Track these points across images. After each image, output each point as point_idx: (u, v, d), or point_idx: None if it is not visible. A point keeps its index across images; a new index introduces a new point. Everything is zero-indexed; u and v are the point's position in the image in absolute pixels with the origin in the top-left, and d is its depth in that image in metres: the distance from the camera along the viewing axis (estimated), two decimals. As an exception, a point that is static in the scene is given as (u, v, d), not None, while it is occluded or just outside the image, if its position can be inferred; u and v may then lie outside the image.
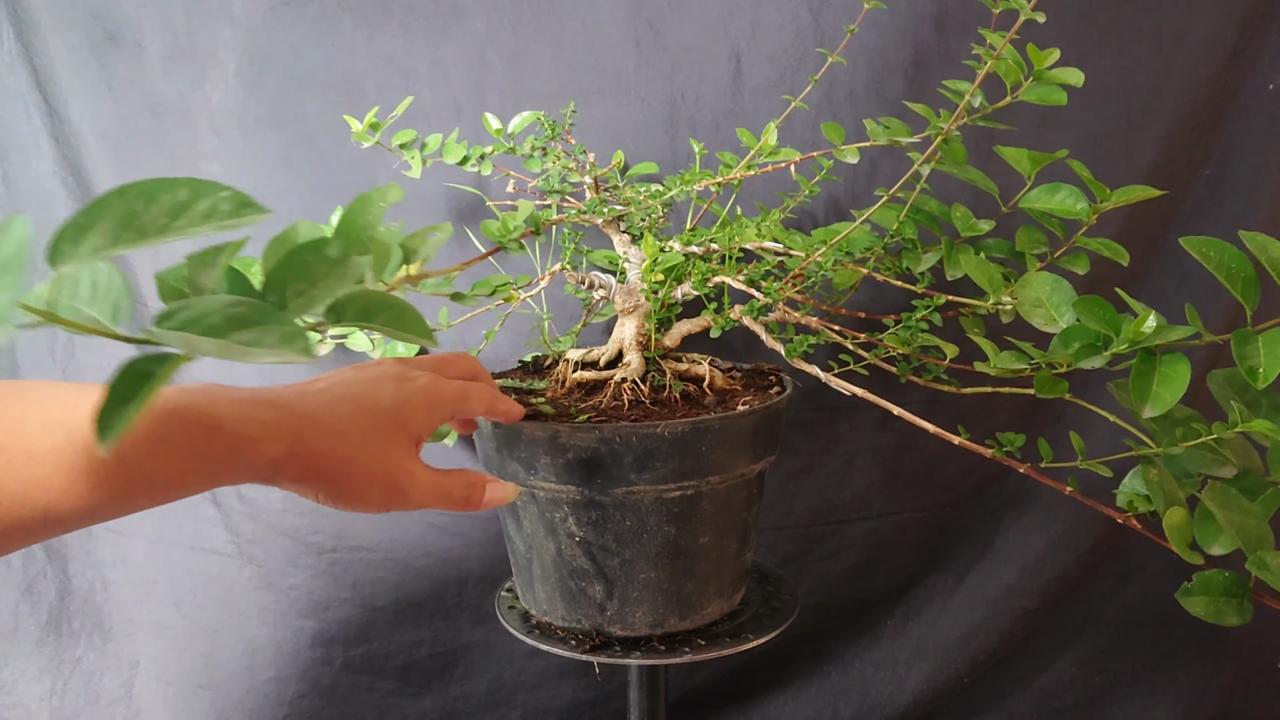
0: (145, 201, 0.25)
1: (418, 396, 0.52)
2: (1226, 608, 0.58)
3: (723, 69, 0.91)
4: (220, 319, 0.27)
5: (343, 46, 0.90)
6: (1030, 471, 0.64)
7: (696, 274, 0.71)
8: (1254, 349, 0.55)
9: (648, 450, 0.63)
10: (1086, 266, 0.74)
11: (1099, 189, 0.69)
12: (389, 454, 0.49)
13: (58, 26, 0.89)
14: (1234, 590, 0.59)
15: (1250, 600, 0.58)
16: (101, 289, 0.29)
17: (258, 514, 0.97)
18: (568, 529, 0.67)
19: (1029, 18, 0.61)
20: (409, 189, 0.93)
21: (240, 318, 0.27)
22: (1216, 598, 0.58)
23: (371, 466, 0.48)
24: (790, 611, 0.75)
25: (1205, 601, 0.58)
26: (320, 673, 1.00)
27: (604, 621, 0.69)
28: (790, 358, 0.69)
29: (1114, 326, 0.60)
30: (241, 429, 0.42)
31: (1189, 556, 0.58)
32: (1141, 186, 0.68)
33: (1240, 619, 0.58)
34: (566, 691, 1.04)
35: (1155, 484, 0.59)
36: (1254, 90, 0.93)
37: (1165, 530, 0.58)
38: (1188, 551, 0.58)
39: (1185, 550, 0.58)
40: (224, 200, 0.26)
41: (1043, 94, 0.65)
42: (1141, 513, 0.62)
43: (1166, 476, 0.60)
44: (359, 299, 0.37)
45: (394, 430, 0.49)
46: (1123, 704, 1.07)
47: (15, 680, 1.01)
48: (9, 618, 1.00)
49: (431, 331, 0.37)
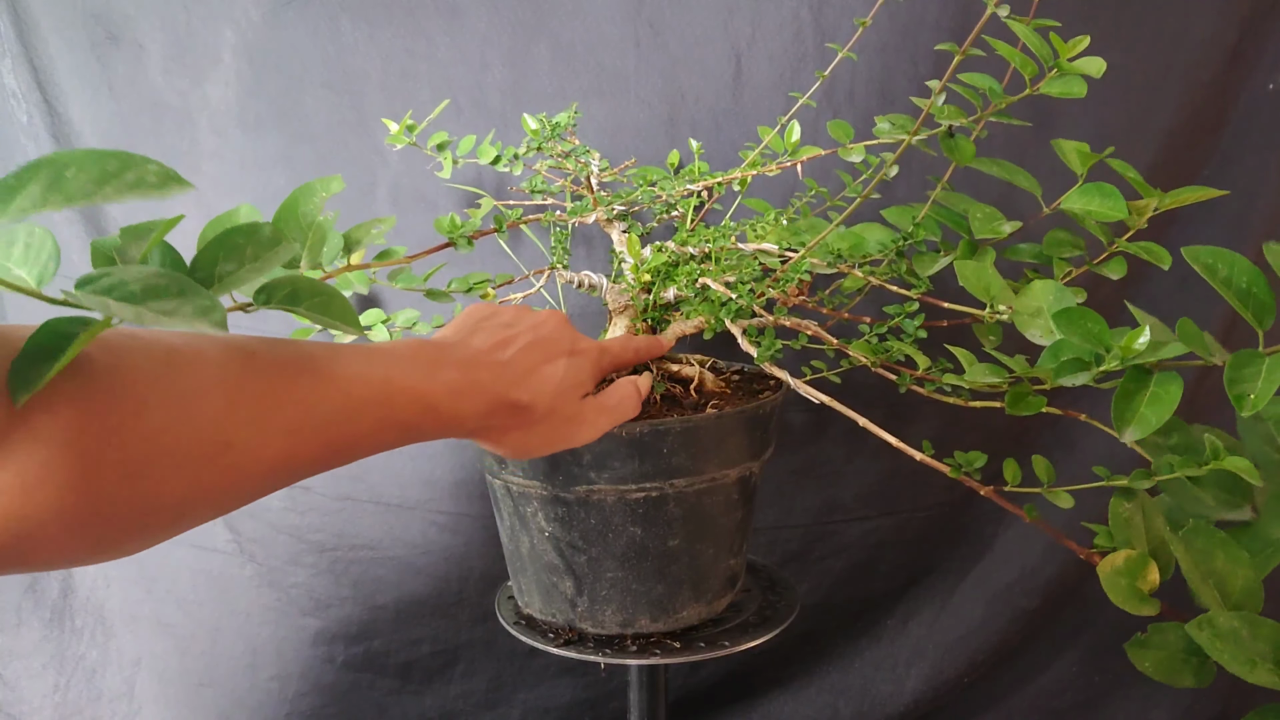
0: (75, 169, 0.26)
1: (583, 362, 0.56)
2: (1183, 668, 0.51)
3: (723, 69, 0.91)
4: (139, 287, 0.28)
5: (343, 46, 0.90)
6: (993, 495, 0.59)
7: (681, 275, 0.71)
8: (1254, 371, 0.48)
9: (605, 450, 0.63)
10: (1123, 271, 0.70)
11: (1146, 189, 0.64)
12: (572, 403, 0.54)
13: (58, 26, 0.90)
14: (1195, 648, 0.51)
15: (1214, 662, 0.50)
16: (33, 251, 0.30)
17: (258, 513, 0.98)
18: (538, 524, 0.68)
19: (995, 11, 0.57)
20: (408, 188, 0.93)
21: (159, 288, 0.29)
22: (1173, 654, 0.51)
23: (560, 420, 0.53)
24: (789, 611, 0.75)
25: (1158, 657, 0.52)
26: (321, 671, 1.01)
27: (575, 617, 0.70)
28: (759, 361, 0.67)
29: (1102, 341, 0.53)
30: (458, 407, 0.46)
31: (1135, 608, 0.51)
32: (1200, 187, 0.63)
33: (1197, 681, 0.51)
34: (567, 690, 1.04)
35: (1123, 520, 0.54)
36: (1254, 90, 0.93)
37: (1101, 578, 0.52)
38: (1135, 602, 0.51)
39: (1132, 601, 0.51)
40: (151, 173, 0.27)
41: (1064, 86, 0.60)
42: (1106, 550, 0.55)
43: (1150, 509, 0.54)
44: (289, 283, 0.38)
45: (575, 389, 0.55)
46: (1123, 704, 1.07)
47: (19, 676, 1.02)
48: (13, 614, 1.01)
49: (358, 320, 0.37)
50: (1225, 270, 0.52)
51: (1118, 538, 0.54)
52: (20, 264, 0.31)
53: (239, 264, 0.36)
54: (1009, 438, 0.98)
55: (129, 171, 0.27)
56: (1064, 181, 0.69)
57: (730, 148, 0.90)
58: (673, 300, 0.74)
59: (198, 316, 0.29)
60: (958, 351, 0.61)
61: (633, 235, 0.72)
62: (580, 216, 0.76)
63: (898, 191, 0.90)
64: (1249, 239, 0.93)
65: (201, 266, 0.36)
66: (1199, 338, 0.53)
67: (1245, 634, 0.48)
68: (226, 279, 0.36)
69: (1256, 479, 0.49)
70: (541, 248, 0.91)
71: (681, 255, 0.73)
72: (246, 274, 0.36)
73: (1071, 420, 0.64)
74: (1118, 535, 0.54)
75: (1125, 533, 0.54)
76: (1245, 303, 0.51)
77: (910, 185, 0.90)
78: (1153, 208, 0.64)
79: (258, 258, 0.36)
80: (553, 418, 0.53)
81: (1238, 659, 0.47)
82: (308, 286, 0.38)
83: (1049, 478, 0.59)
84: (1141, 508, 0.56)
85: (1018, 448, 0.80)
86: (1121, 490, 0.56)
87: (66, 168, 0.26)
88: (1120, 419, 0.52)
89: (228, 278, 0.36)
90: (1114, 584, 0.52)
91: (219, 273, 0.36)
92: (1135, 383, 0.53)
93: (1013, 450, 0.71)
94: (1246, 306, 0.51)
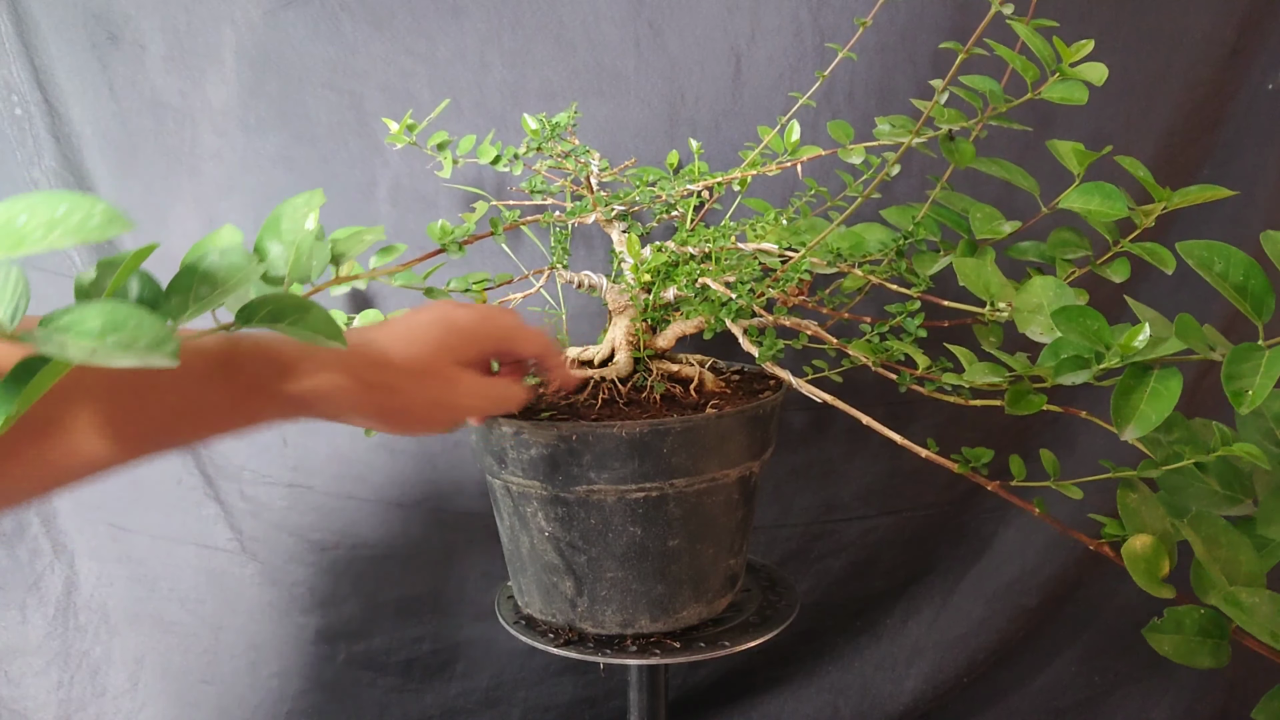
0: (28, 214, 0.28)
1: (462, 322, 0.55)
2: (1200, 649, 0.52)
3: (723, 69, 0.91)
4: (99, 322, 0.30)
5: (343, 46, 0.90)
6: (999, 490, 0.59)
7: (681, 274, 0.71)
8: (1253, 366, 0.48)
9: (605, 450, 0.63)
10: (1127, 273, 0.69)
11: (1155, 188, 0.63)
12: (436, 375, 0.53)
13: (58, 26, 0.90)
14: (1210, 630, 0.52)
15: (1229, 642, 0.52)
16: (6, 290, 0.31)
17: (260, 511, 0.98)
18: (538, 523, 0.68)
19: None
20: (407, 188, 0.93)
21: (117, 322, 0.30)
22: (1189, 637, 0.52)
23: (417, 392, 0.52)
24: (789, 611, 0.75)
25: (1175, 640, 0.53)
26: (322, 669, 1.01)
27: (576, 617, 0.70)
28: (761, 361, 0.67)
29: (1101, 338, 0.53)
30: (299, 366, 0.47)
31: (1156, 590, 0.52)
32: (1209, 186, 0.63)
33: (1215, 662, 0.52)
34: (567, 688, 1.04)
35: (1131, 510, 0.54)
36: (1253, 90, 0.93)
37: (1125, 560, 0.52)
38: (1155, 585, 0.53)
39: (1153, 584, 0.52)
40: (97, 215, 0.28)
41: (1065, 92, 0.59)
42: (1116, 539, 0.56)
43: (1150, 502, 0.55)
44: (271, 302, 0.39)
45: (439, 354, 0.53)
46: (1122, 704, 1.07)
47: (23, 674, 1.02)
48: (17, 612, 1.01)
49: (339, 330, 0.38)
50: (1221, 264, 0.51)
51: (1129, 526, 0.54)
52: None
53: (213, 286, 0.37)
54: (1010, 436, 0.99)
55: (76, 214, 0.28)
56: (1069, 180, 0.69)
57: (730, 148, 0.90)
58: (673, 300, 0.74)
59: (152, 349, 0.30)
60: (957, 350, 0.61)
61: (632, 235, 0.72)
62: (579, 216, 0.76)
63: (898, 191, 0.91)
64: (1248, 237, 0.93)
65: (177, 291, 0.37)
66: (1198, 332, 0.52)
67: (1266, 608, 0.50)
68: (201, 302, 0.37)
69: (1265, 462, 0.50)
70: (541, 247, 0.91)
71: (681, 255, 0.73)
72: (219, 297, 0.37)
73: (1072, 418, 0.63)
74: (1129, 524, 0.54)
75: (1136, 521, 0.54)
76: (1242, 296, 0.51)
77: (910, 185, 0.90)
78: (1161, 207, 0.63)
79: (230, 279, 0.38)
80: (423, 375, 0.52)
81: (1264, 630, 0.49)
82: (289, 304, 0.39)
83: (1056, 471, 0.59)
84: (1144, 499, 0.56)
85: (1018, 446, 0.80)
86: (1125, 482, 0.56)
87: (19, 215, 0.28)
88: (1120, 416, 0.51)
89: (201, 301, 0.37)
90: (1137, 567, 0.53)
91: (193, 297, 0.37)
92: (1135, 380, 0.52)
93: (1014, 448, 0.71)
94: (1244, 300, 0.51)
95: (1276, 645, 0.49)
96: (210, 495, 0.99)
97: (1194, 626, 0.53)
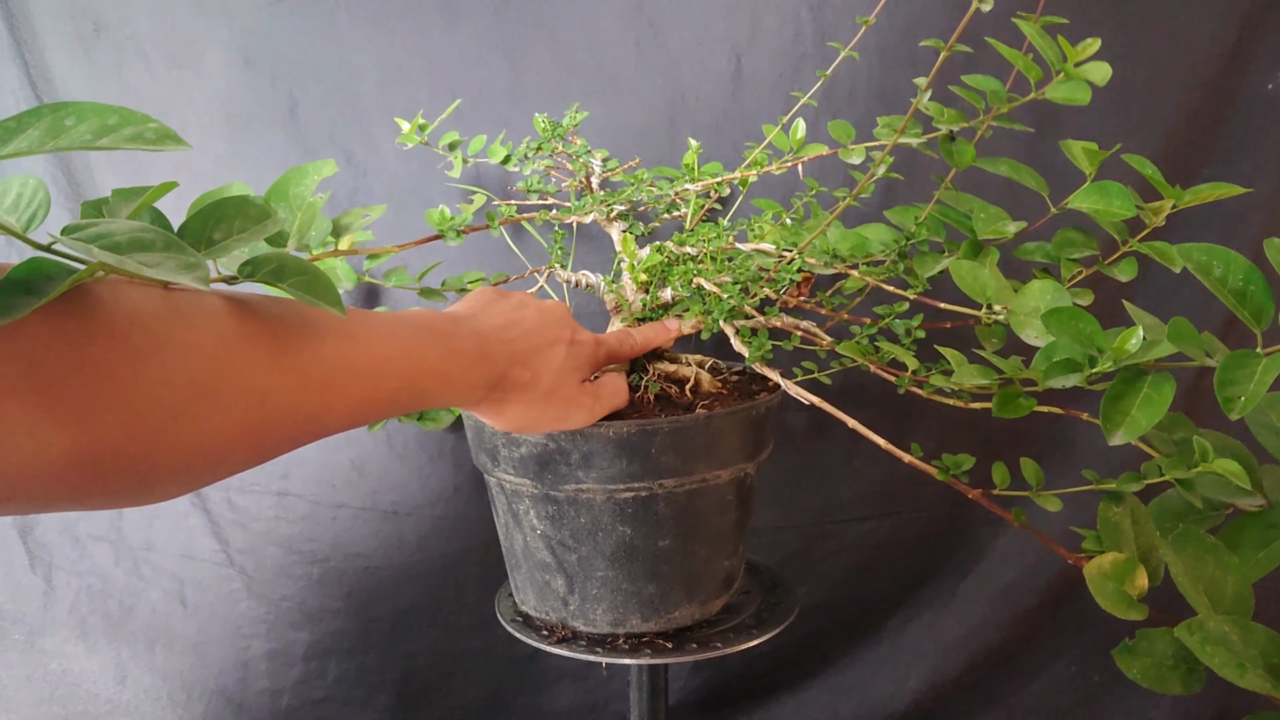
0: (76, 119, 0.28)
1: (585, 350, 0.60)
2: (1171, 675, 0.49)
3: (723, 69, 0.91)
4: (125, 239, 0.29)
5: (339, 44, 0.90)
6: (980, 499, 0.58)
7: (677, 275, 0.71)
8: (1247, 374, 0.46)
9: (593, 450, 0.63)
10: (1134, 272, 0.68)
11: (1165, 187, 0.62)
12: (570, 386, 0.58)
13: (51, 22, 0.90)
14: (1185, 653, 0.49)
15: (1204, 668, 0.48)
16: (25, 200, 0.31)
17: (248, 522, 0.97)
18: (530, 522, 0.68)
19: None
20: (404, 186, 0.93)
21: (145, 242, 0.30)
22: (1160, 661, 0.50)
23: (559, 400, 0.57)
24: (787, 614, 0.74)
25: (1144, 664, 0.50)
26: (313, 686, 1.00)
27: (567, 615, 0.70)
28: (750, 362, 0.67)
29: (1094, 342, 0.52)
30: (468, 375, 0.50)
31: (1123, 612, 0.50)
32: (1219, 184, 0.62)
33: (1185, 689, 0.50)
34: (565, 695, 1.04)
35: (1113, 524, 0.53)
36: (1254, 90, 0.93)
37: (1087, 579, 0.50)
38: (1122, 606, 0.50)
39: (1118, 605, 0.50)
40: (150, 130, 0.28)
41: (1069, 92, 0.58)
42: (1095, 554, 0.54)
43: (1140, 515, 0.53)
44: (275, 259, 0.39)
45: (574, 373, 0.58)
46: (1122, 703, 1.07)
47: (5, 686, 1.01)
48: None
49: (341, 300, 0.38)
50: (1220, 269, 0.50)
51: (1106, 542, 0.53)
52: (9, 211, 0.32)
53: (226, 234, 0.37)
54: (1009, 438, 0.98)
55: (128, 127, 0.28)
56: (1068, 178, 0.69)
57: (730, 148, 0.90)
58: (670, 300, 0.74)
59: (181, 271, 0.29)
60: (948, 352, 0.60)
61: (628, 235, 0.72)
62: (578, 215, 0.76)
63: (902, 191, 0.90)
64: (1248, 239, 0.93)
65: (189, 233, 0.37)
66: (1193, 337, 0.51)
67: (1236, 638, 0.47)
68: (213, 248, 0.37)
69: (1245, 481, 0.48)
70: (544, 245, 0.91)
71: (679, 255, 0.73)
72: (233, 244, 0.37)
73: (1072, 419, 0.63)
74: (1106, 539, 0.53)
75: (1114, 537, 0.53)
76: (1242, 302, 0.50)
77: (915, 185, 0.90)
78: (1170, 205, 0.62)
79: (245, 230, 0.37)
80: (552, 397, 0.57)
81: (1228, 663, 0.46)
82: (293, 264, 0.38)
83: (1037, 481, 0.58)
84: (1131, 512, 0.55)
85: (1017, 448, 0.80)
86: (1110, 494, 0.55)
87: (67, 116, 0.27)
88: (1109, 421, 0.50)
89: (214, 246, 0.37)
90: (1101, 588, 0.51)
91: (206, 240, 0.37)
92: (1126, 385, 0.51)
93: (1013, 450, 0.71)
94: (1243, 306, 0.49)
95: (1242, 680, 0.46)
96: (196, 504, 0.97)
97: (1167, 650, 0.51)
